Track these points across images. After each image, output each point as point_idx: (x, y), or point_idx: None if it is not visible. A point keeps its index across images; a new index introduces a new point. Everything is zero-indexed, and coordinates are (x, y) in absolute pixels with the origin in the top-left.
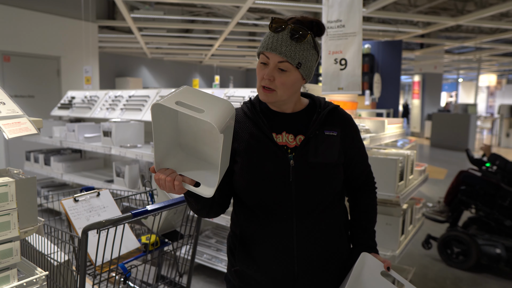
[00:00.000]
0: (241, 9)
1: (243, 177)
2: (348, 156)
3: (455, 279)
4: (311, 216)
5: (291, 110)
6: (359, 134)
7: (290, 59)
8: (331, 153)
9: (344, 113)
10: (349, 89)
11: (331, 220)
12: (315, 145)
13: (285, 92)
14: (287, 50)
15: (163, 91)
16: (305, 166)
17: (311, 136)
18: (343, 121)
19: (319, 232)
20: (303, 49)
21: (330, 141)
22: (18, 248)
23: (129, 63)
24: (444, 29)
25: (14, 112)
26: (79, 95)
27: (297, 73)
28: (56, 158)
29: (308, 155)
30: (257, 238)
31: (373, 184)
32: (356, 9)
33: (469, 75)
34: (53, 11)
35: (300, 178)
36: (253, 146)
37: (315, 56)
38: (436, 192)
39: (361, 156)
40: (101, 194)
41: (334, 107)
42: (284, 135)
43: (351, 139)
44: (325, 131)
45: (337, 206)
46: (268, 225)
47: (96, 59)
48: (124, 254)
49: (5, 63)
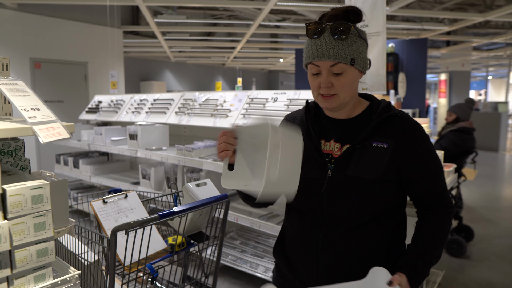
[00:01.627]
0: (262, 11)
1: None
2: (405, 172)
3: (486, 284)
4: (340, 230)
5: (346, 116)
6: (426, 148)
7: (342, 60)
8: (375, 167)
9: (407, 122)
10: (374, 89)
11: (367, 239)
12: (358, 157)
13: (348, 93)
14: (335, 51)
15: (187, 94)
16: (341, 178)
17: (357, 146)
18: (401, 131)
19: (347, 248)
20: (351, 44)
21: (378, 154)
22: (53, 248)
23: (153, 67)
24: (472, 25)
25: (48, 118)
26: (106, 99)
27: (353, 70)
28: (85, 161)
29: (348, 167)
30: (291, 238)
31: (444, 205)
32: (380, 8)
33: (499, 72)
34: (80, 19)
35: (334, 190)
36: None
37: (365, 45)
38: (466, 193)
39: (425, 173)
40: (128, 196)
41: (391, 115)
42: (332, 143)
43: (408, 153)
44: (373, 142)
45: (380, 225)
46: (300, 230)
47: (121, 64)
48: (151, 255)
49: (36, 70)
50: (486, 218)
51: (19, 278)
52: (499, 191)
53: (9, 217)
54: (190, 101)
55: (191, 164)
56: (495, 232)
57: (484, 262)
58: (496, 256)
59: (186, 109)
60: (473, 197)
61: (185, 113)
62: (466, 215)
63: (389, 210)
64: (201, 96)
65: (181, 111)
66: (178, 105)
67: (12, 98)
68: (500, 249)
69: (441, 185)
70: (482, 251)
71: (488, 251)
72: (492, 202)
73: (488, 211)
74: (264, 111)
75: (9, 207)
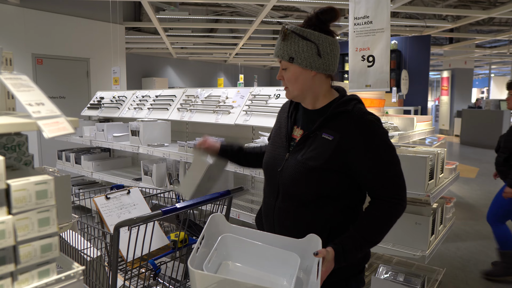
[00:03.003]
0: (265, 7)
1: (265, 154)
2: (351, 166)
3: (487, 282)
4: (290, 205)
5: (312, 107)
6: (372, 144)
7: (281, 57)
8: (318, 156)
9: (356, 118)
10: (377, 86)
11: (311, 217)
12: (309, 145)
13: (294, 87)
14: (278, 50)
15: (189, 91)
16: (293, 162)
17: (310, 135)
18: (349, 127)
19: (295, 222)
20: (291, 44)
21: (324, 144)
22: (57, 243)
23: (155, 63)
24: (475, 22)
25: (52, 112)
26: (108, 96)
27: (294, 66)
28: (86, 157)
29: (299, 152)
30: (263, 208)
31: (392, 198)
32: (384, 4)
33: (502, 70)
34: (82, 15)
35: (286, 170)
36: (277, 132)
37: (310, 45)
38: (468, 191)
39: (370, 168)
40: (131, 192)
41: (342, 111)
42: (299, 129)
43: (353, 147)
44: (323, 134)
45: (325, 207)
46: (265, 200)
47: (123, 60)
48: (153, 251)
49: (38, 65)
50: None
51: (23, 274)
52: None
53: (13, 212)
54: (192, 97)
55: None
56: None
57: (485, 260)
58: (497, 254)
59: (188, 105)
60: (475, 195)
61: (187, 110)
62: (467, 213)
63: (336, 195)
64: (203, 93)
65: (183, 108)
66: (180, 102)
67: (17, 93)
68: None
69: (389, 179)
70: (484, 249)
71: (489, 249)
72: None
73: None
74: (266, 107)
75: (14, 202)
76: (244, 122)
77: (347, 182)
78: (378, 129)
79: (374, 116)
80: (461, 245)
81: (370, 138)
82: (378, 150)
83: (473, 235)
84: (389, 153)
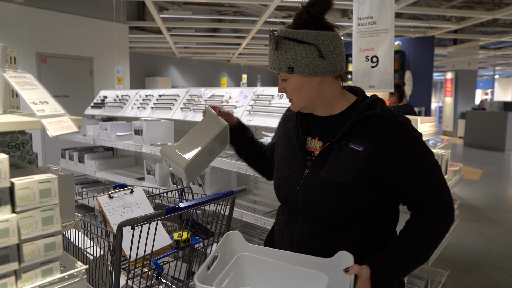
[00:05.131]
0: (268, 7)
1: (275, 172)
2: (387, 178)
3: (491, 284)
4: (312, 229)
5: (326, 113)
6: (410, 150)
7: (279, 70)
8: (348, 171)
9: (388, 122)
10: (381, 87)
11: (338, 241)
12: (334, 158)
13: (300, 98)
14: (273, 62)
15: (193, 90)
16: (315, 178)
17: (334, 146)
18: (380, 133)
19: (317, 248)
20: (286, 52)
21: (353, 156)
22: (61, 242)
23: (158, 62)
24: (479, 23)
25: (56, 111)
26: (111, 95)
27: (296, 76)
28: (90, 156)
29: (323, 167)
30: (275, 230)
31: (438, 209)
32: (388, 5)
33: (506, 71)
34: (86, 14)
35: (307, 189)
36: (286, 145)
37: (309, 48)
38: (471, 193)
39: (410, 178)
40: (134, 191)
41: (371, 114)
42: (316, 141)
43: (388, 157)
44: (350, 144)
45: (355, 229)
46: (280, 223)
47: (127, 59)
48: (156, 251)
49: (42, 64)
50: (491, 218)
51: (27, 272)
52: (505, 191)
53: (17, 210)
54: (195, 97)
55: None
56: (500, 232)
57: (489, 263)
58: (501, 256)
59: (192, 105)
60: (478, 197)
61: (190, 109)
62: (471, 215)
63: (369, 213)
64: (206, 92)
65: (186, 107)
66: (184, 101)
67: (21, 91)
68: (506, 249)
69: (432, 188)
70: (487, 251)
71: (493, 251)
72: (498, 202)
73: (494, 211)
74: (270, 107)
75: (18, 201)
76: (248, 122)
77: (381, 198)
78: (414, 132)
79: (405, 117)
80: (465, 247)
81: (407, 144)
82: (418, 156)
83: (476, 237)
84: (429, 158)
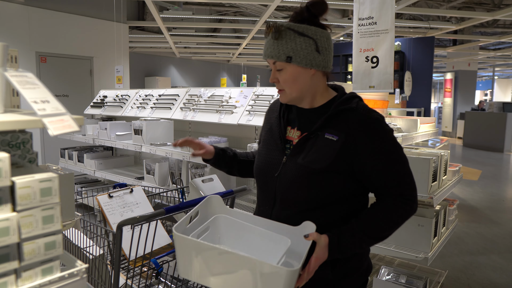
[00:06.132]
0: (269, 7)
1: (256, 158)
2: (357, 167)
3: (489, 284)
4: (288, 212)
5: (309, 106)
6: (380, 143)
7: (278, 58)
8: (322, 158)
9: (361, 116)
10: (381, 87)
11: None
12: (310, 147)
13: (292, 89)
14: (272, 51)
15: (193, 90)
16: (292, 165)
17: (311, 136)
18: (354, 126)
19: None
20: (287, 42)
21: (327, 145)
22: (61, 241)
23: (158, 62)
24: (479, 24)
25: (57, 110)
26: (111, 94)
27: (293, 66)
28: (89, 155)
29: (300, 155)
30: (256, 213)
31: (399, 196)
32: (389, 5)
33: (506, 72)
34: (87, 13)
35: (285, 175)
36: (268, 134)
37: (308, 41)
38: (470, 194)
39: (379, 168)
40: (134, 190)
41: (346, 108)
42: (295, 131)
43: (359, 147)
44: (326, 134)
45: (329, 213)
46: (259, 206)
47: (127, 59)
48: (156, 250)
49: (42, 63)
50: (490, 219)
51: (27, 271)
52: (504, 192)
53: (18, 209)
54: (195, 97)
55: (196, 160)
56: (499, 233)
57: (487, 263)
58: (500, 257)
59: (192, 104)
60: (477, 198)
61: (190, 109)
62: (470, 216)
63: (340, 199)
64: (206, 92)
65: (186, 107)
66: (183, 101)
67: (22, 90)
68: (504, 250)
69: (398, 178)
70: (486, 251)
71: (492, 252)
72: (496, 203)
73: (492, 212)
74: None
75: (18, 200)
76: (247, 122)
77: (352, 185)
78: (385, 126)
79: (378, 113)
80: (464, 247)
81: (377, 136)
82: (387, 149)
83: (475, 237)
84: (397, 151)
